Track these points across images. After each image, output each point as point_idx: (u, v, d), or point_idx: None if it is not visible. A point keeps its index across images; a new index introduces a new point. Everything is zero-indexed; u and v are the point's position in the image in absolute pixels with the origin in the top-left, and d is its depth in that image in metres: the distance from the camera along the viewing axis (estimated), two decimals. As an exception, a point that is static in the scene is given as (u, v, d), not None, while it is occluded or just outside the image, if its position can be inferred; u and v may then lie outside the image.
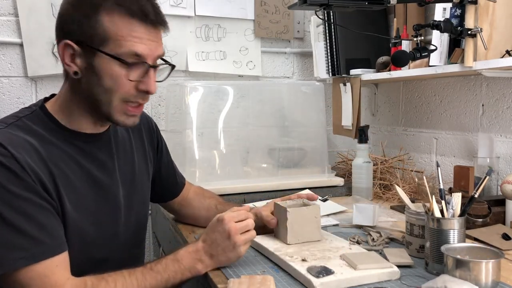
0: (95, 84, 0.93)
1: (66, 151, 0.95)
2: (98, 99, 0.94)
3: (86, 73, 0.93)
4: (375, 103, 2.22)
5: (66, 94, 0.98)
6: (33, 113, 0.96)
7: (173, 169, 1.32)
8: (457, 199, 1.02)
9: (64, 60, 0.93)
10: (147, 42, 0.93)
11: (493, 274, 0.85)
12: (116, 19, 0.90)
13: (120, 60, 0.91)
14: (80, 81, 0.94)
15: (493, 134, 1.57)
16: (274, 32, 2.12)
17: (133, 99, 0.96)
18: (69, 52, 0.92)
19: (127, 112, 0.97)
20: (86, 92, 0.95)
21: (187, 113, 1.70)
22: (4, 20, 1.78)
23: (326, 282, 0.90)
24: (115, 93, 0.93)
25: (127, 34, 0.91)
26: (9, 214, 0.81)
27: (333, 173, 1.86)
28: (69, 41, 0.91)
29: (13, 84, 1.81)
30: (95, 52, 0.91)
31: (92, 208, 0.98)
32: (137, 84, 0.95)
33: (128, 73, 0.93)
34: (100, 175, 1.01)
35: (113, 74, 0.92)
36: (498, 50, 1.33)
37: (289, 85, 2.06)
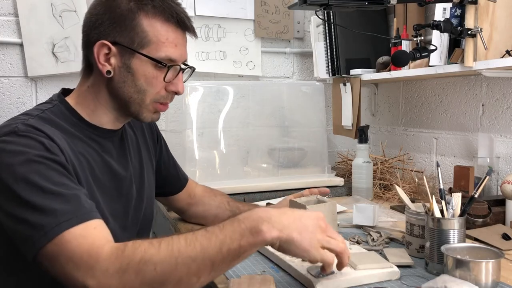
0: (129, 83, 0.97)
1: (89, 144, 0.98)
2: (130, 98, 0.98)
3: (120, 72, 0.96)
4: (375, 103, 2.22)
5: (90, 90, 1.00)
6: (55, 106, 0.98)
7: (175, 164, 1.33)
8: (457, 199, 1.02)
9: (99, 60, 0.95)
10: (180, 46, 0.99)
11: (493, 274, 0.85)
12: (155, 23, 0.95)
13: (158, 63, 0.95)
14: (111, 80, 0.97)
15: (493, 134, 1.57)
16: (274, 32, 2.12)
17: (163, 99, 1.01)
18: (104, 51, 0.95)
19: (155, 109, 1.02)
20: (117, 91, 0.98)
21: (187, 113, 1.70)
22: (4, 20, 1.78)
23: (326, 282, 0.90)
24: (148, 93, 0.98)
25: (165, 39, 0.96)
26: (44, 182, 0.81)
27: (333, 173, 1.86)
28: (105, 41, 0.94)
29: (13, 84, 1.81)
30: (133, 53, 0.95)
31: (112, 200, 1.01)
32: (167, 85, 1.00)
33: (163, 75, 0.97)
34: (118, 169, 1.04)
35: (149, 75, 0.96)
36: (498, 50, 1.33)
37: (289, 85, 2.06)
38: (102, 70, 0.96)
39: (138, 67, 0.95)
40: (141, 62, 0.95)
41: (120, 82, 0.97)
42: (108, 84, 0.98)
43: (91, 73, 1.00)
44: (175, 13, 0.97)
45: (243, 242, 0.76)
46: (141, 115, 1.01)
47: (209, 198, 1.35)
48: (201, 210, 1.35)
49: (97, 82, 0.99)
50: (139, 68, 0.96)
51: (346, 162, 2.06)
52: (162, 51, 0.95)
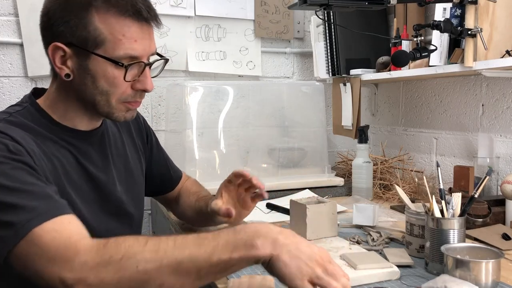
0: (90, 86, 0.91)
1: (63, 146, 0.94)
2: (95, 100, 0.92)
3: (79, 75, 0.90)
4: (375, 103, 2.22)
5: (57, 93, 0.96)
6: (25, 109, 0.93)
7: (166, 162, 1.28)
8: (457, 199, 1.02)
9: (55, 63, 0.90)
10: (141, 41, 0.91)
11: (493, 274, 0.85)
12: (108, 18, 0.88)
13: (116, 63, 0.89)
14: (72, 83, 0.92)
15: (493, 134, 1.57)
16: (274, 32, 2.12)
17: (131, 98, 0.95)
18: (60, 54, 0.90)
19: (126, 108, 0.96)
20: (80, 93, 0.93)
21: (187, 113, 1.70)
22: (4, 20, 1.78)
23: (326, 282, 0.90)
24: (112, 94, 0.92)
25: (121, 35, 0.88)
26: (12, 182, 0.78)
27: (333, 173, 1.86)
28: (59, 44, 0.89)
29: (13, 84, 1.81)
30: (89, 54, 0.88)
31: (91, 204, 0.97)
32: (134, 83, 0.93)
33: (124, 74, 0.90)
34: (96, 172, 0.99)
35: (109, 76, 0.90)
36: (498, 50, 1.33)
37: (289, 85, 2.06)
38: (60, 73, 0.90)
39: (96, 68, 0.89)
40: (99, 62, 0.88)
41: (81, 85, 0.91)
42: (70, 87, 0.93)
43: (56, 76, 0.95)
44: (130, 5, 0.89)
45: (234, 254, 0.71)
46: (112, 115, 0.95)
47: (185, 198, 1.28)
48: (180, 211, 1.30)
49: (62, 85, 0.94)
50: (97, 69, 0.89)
51: (346, 162, 2.06)
52: (120, 49, 0.88)
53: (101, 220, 1.00)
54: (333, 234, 1.19)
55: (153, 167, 1.24)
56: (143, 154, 1.19)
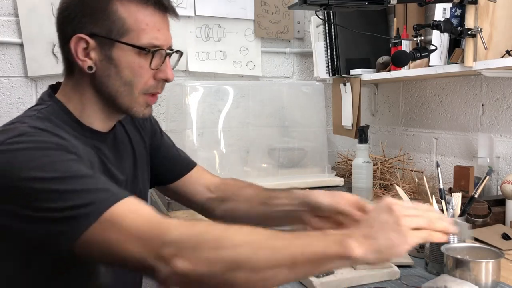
0: (114, 76, 0.90)
1: (87, 145, 0.92)
2: (117, 91, 0.91)
3: (102, 66, 0.89)
4: (375, 103, 2.22)
5: (75, 91, 0.94)
6: (50, 106, 0.91)
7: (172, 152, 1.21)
8: (457, 199, 1.02)
9: (77, 56, 0.88)
10: (163, 30, 0.92)
11: (493, 274, 0.85)
12: (131, 8, 0.88)
13: (142, 49, 0.89)
14: (93, 76, 0.90)
15: (493, 134, 1.57)
16: (274, 32, 2.12)
17: (153, 89, 0.94)
18: (82, 46, 0.88)
19: (147, 103, 0.95)
20: (102, 86, 0.91)
21: (187, 113, 1.70)
22: (4, 20, 1.78)
23: (326, 282, 0.90)
24: (136, 84, 0.91)
25: (144, 24, 0.89)
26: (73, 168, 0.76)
27: (333, 173, 1.86)
28: (82, 35, 0.88)
29: (13, 84, 1.81)
30: (113, 43, 0.88)
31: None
32: (156, 73, 0.93)
33: (148, 62, 0.90)
34: (117, 173, 0.99)
35: (133, 65, 0.90)
36: (498, 50, 1.33)
37: (289, 85, 2.06)
38: (83, 66, 0.89)
39: (120, 57, 0.89)
40: (123, 51, 0.88)
41: (104, 77, 0.90)
42: (91, 81, 0.91)
43: (73, 73, 0.93)
44: None
45: (329, 250, 0.70)
46: (132, 109, 0.94)
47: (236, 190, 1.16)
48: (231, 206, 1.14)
49: (80, 81, 0.93)
50: (121, 58, 0.89)
51: (346, 162, 2.06)
52: (144, 37, 0.88)
53: None
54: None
55: (161, 154, 1.19)
56: (147, 146, 1.15)
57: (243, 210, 1.11)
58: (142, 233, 0.71)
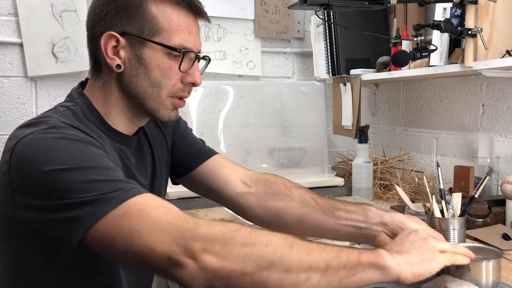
0: (142, 76, 0.89)
1: (111, 145, 0.91)
2: (145, 92, 0.90)
3: (131, 65, 0.88)
4: (375, 103, 2.22)
5: (101, 91, 0.92)
6: (78, 105, 0.90)
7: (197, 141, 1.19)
8: (457, 199, 1.02)
9: (107, 53, 0.87)
10: (194, 33, 0.91)
11: (494, 274, 0.85)
12: (164, 8, 0.88)
13: (173, 49, 0.88)
14: (122, 75, 0.89)
15: (493, 134, 1.57)
16: (274, 32, 2.12)
17: (180, 92, 0.93)
18: (112, 44, 0.87)
19: (173, 106, 0.94)
20: (129, 86, 0.90)
21: (187, 113, 1.70)
22: (4, 20, 1.78)
23: (326, 282, 0.90)
24: (163, 86, 0.90)
25: (177, 25, 0.88)
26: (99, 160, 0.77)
27: (333, 173, 1.86)
28: (113, 32, 0.86)
29: (13, 84, 1.81)
30: (144, 43, 0.87)
31: None
32: (184, 76, 0.92)
33: (178, 64, 0.89)
34: (139, 177, 0.97)
35: (163, 66, 0.88)
36: (498, 50, 1.33)
37: (289, 85, 2.06)
38: (112, 64, 0.88)
39: (150, 57, 0.88)
40: (154, 51, 0.87)
41: (132, 76, 0.89)
42: (118, 80, 0.90)
43: (100, 72, 0.92)
44: None
45: (363, 257, 0.71)
46: (158, 112, 0.92)
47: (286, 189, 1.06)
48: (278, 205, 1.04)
49: (108, 81, 0.91)
50: (151, 58, 0.88)
51: (346, 162, 2.06)
52: (175, 38, 0.88)
53: None
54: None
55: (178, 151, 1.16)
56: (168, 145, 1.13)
57: (297, 213, 1.02)
58: (171, 226, 0.69)
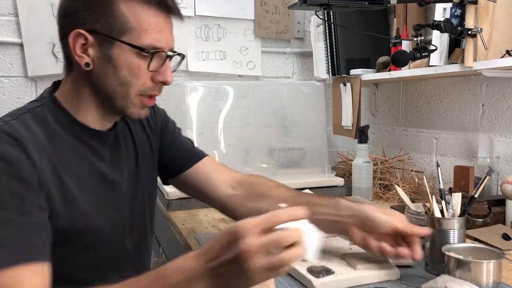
0: (111, 76, 0.88)
1: (74, 146, 0.91)
2: (114, 92, 0.89)
3: (100, 64, 0.87)
4: (375, 103, 2.22)
5: (72, 87, 0.92)
6: (44, 104, 0.91)
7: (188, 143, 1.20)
8: (457, 199, 1.02)
9: (75, 51, 0.87)
10: (165, 32, 0.90)
11: (494, 275, 0.85)
12: (134, 6, 0.86)
13: (142, 50, 0.87)
14: (91, 73, 0.88)
15: (493, 134, 1.57)
16: (274, 32, 2.12)
17: (150, 91, 0.92)
18: (81, 42, 0.86)
19: (143, 104, 0.93)
20: (98, 85, 0.89)
21: (187, 113, 1.70)
22: (4, 20, 1.78)
23: (326, 282, 0.90)
24: (133, 85, 0.89)
25: (147, 24, 0.87)
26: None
27: (333, 173, 1.86)
28: (81, 30, 0.85)
29: (13, 84, 1.81)
30: (113, 42, 0.86)
31: (103, 205, 0.94)
32: (154, 75, 0.91)
33: (147, 64, 0.88)
34: (111, 173, 0.97)
35: (132, 65, 0.87)
36: (498, 50, 1.33)
37: (289, 85, 2.06)
38: (80, 62, 0.87)
39: (119, 57, 0.86)
40: (123, 50, 0.86)
41: (101, 75, 0.88)
42: (88, 78, 0.89)
43: (71, 69, 0.92)
44: None
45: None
46: (127, 110, 0.92)
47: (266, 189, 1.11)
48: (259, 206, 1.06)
49: (78, 78, 0.91)
50: (120, 57, 0.86)
51: (346, 162, 2.06)
52: (145, 38, 0.86)
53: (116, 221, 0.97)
54: (333, 234, 1.18)
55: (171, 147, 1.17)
56: (155, 146, 1.13)
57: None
58: None
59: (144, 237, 1.08)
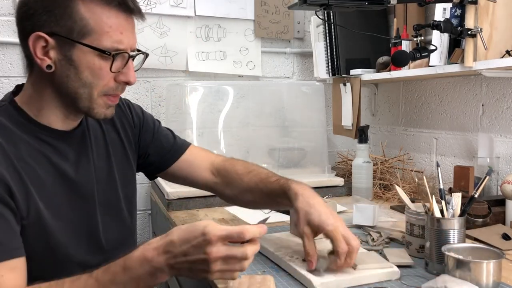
0: (73, 77, 0.88)
1: (36, 147, 0.90)
2: (77, 93, 0.89)
3: (62, 66, 0.87)
4: (375, 103, 2.22)
5: (34, 88, 0.92)
6: (2, 107, 0.91)
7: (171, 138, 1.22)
8: (457, 199, 1.02)
9: (36, 54, 0.86)
10: (126, 33, 0.89)
11: (494, 275, 0.85)
12: (95, 8, 0.86)
13: (103, 52, 0.87)
14: (53, 75, 0.88)
15: (493, 134, 1.57)
16: (274, 32, 2.12)
17: (113, 91, 0.92)
18: (41, 44, 0.86)
19: (106, 104, 0.93)
20: (61, 86, 0.89)
21: (187, 113, 1.70)
22: (4, 20, 1.78)
23: (326, 282, 0.90)
24: (95, 86, 0.89)
25: (108, 26, 0.86)
26: None
27: (333, 173, 1.86)
28: (41, 33, 0.85)
29: (13, 84, 1.80)
30: (74, 44, 0.86)
31: (65, 207, 0.93)
32: (117, 76, 0.91)
33: (109, 65, 0.88)
34: (74, 173, 0.96)
35: (94, 66, 0.87)
36: (498, 50, 1.33)
37: (289, 85, 2.06)
38: (41, 65, 0.87)
39: (81, 59, 0.86)
40: (84, 53, 0.86)
41: (63, 77, 0.88)
42: (51, 80, 0.89)
43: (32, 69, 0.92)
44: None
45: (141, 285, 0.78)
46: (92, 111, 0.92)
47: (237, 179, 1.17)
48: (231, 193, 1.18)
49: (40, 79, 0.91)
50: (82, 59, 0.86)
51: (346, 162, 2.06)
52: (106, 40, 0.86)
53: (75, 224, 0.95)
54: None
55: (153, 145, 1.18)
56: (132, 144, 1.13)
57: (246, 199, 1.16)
58: None
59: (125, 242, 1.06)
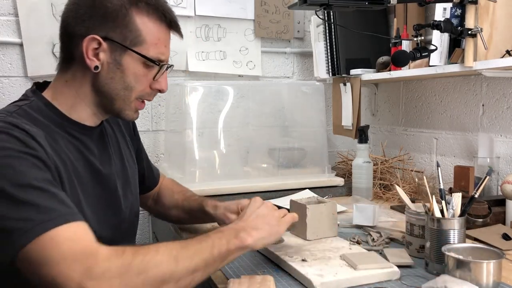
0: (118, 80, 0.96)
1: (69, 140, 0.96)
2: (117, 94, 0.97)
3: (109, 68, 0.95)
4: (375, 103, 2.22)
5: (69, 84, 0.97)
6: (32, 102, 0.94)
7: (147, 159, 1.32)
8: (457, 199, 1.02)
9: (87, 54, 0.93)
10: (168, 46, 1.01)
11: (494, 275, 0.85)
12: (148, 22, 0.96)
13: (151, 61, 0.97)
14: (97, 75, 0.95)
15: (493, 134, 1.57)
16: (274, 32, 2.12)
17: (147, 97, 1.03)
18: (93, 46, 0.93)
19: (137, 108, 1.02)
20: (103, 87, 0.96)
21: (187, 113, 1.69)
22: (4, 20, 1.78)
23: (326, 282, 0.90)
24: (134, 90, 0.98)
25: (157, 39, 0.97)
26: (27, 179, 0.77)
27: (333, 173, 1.86)
28: (96, 36, 0.92)
29: (13, 84, 1.81)
30: (125, 50, 0.94)
31: (96, 199, 0.99)
32: (152, 83, 1.01)
33: (150, 73, 0.99)
34: (101, 167, 1.02)
35: (138, 73, 0.97)
36: (498, 50, 1.33)
37: (289, 85, 2.06)
38: (90, 65, 0.94)
39: (128, 64, 0.95)
40: (133, 59, 0.95)
41: (108, 78, 0.96)
42: (92, 79, 0.96)
43: (70, 67, 0.97)
44: (168, 13, 0.99)
45: (230, 246, 0.87)
46: (124, 112, 1.01)
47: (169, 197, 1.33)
48: (161, 210, 1.34)
49: (79, 76, 0.97)
50: (129, 65, 0.96)
51: (346, 162, 2.06)
52: (153, 51, 0.97)
53: (104, 215, 1.01)
54: (333, 234, 1.19)
55: (140, 160, 1.26)
56: (133, 149, 1.22)
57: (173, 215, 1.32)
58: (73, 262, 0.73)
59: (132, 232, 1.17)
